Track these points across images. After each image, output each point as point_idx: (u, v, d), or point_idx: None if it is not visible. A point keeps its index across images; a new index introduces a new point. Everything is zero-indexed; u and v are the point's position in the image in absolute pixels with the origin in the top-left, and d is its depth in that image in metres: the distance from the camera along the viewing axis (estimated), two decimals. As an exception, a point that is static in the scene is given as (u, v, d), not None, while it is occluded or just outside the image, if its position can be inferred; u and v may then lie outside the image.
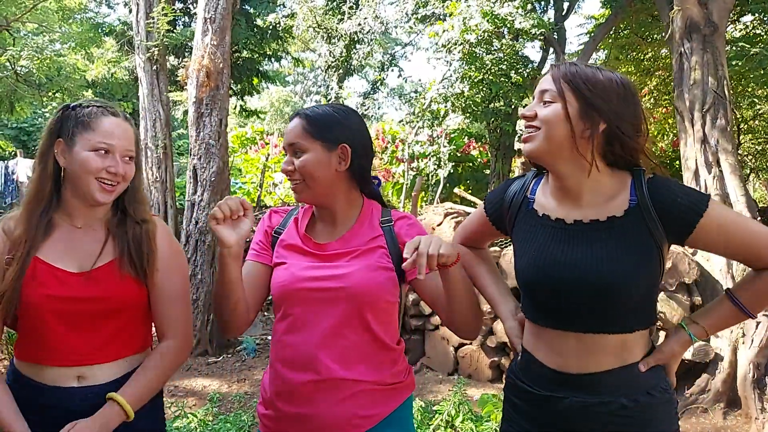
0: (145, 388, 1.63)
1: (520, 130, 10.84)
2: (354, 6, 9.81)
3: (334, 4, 10.53)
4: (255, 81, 11.23)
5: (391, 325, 1.66)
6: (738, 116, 9.58)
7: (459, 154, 11.09)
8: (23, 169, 12.44)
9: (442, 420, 3.61)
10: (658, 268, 1.46)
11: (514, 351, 1.69)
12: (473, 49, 7.66)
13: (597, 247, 1.45)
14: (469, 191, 10.04)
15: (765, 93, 10.66)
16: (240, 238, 1.51)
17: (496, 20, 7.04)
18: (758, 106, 10.21)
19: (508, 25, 7.25)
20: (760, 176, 12.59)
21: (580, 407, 1.47)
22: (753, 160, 11.46)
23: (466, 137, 11.11)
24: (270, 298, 1.72)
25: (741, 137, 10.23)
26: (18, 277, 1.53)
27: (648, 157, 1.49)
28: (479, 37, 7.28)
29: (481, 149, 11.53)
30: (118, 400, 1.57)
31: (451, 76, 7.90)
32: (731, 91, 5.07)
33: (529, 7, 7.88)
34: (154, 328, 1.75)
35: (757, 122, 11.15)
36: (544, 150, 1.47)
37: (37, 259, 1.57)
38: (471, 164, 11.60)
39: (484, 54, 7.72)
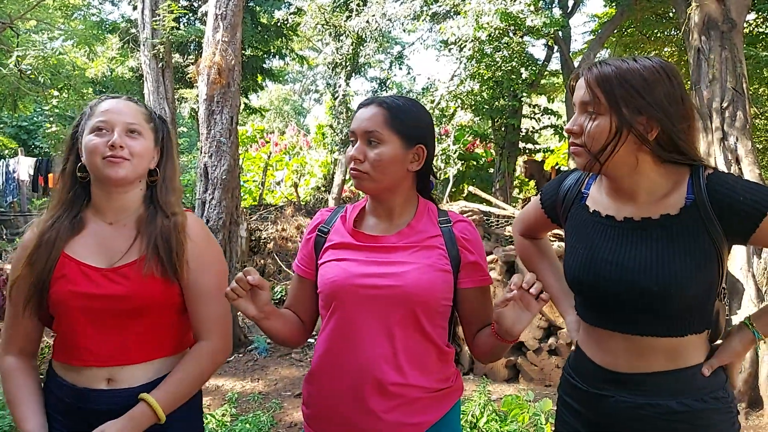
0: (177, 390, 1.56)
1: (525, 128, 10.85)
2: (361, 3, 9.75)
3: (341, 1, 10.47)
4: (259, 78, 11.18)
5: (444, 328, 1.60)
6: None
7: (463, 152, 11.06)
8: (24, 167, 12.35)
9: (466, 421, 3.57)
10: (716, 270, 1.36)
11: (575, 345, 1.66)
12: (482, 46, 7.62)
13: (646, 248, 1.38)
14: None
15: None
16: (260, 308, 1.48)
17: (508, 18, 6.99)
18: (762, 106, 10.22)
19: (520, 23, 7.21)
20: (762, 174, 12.60)
21: (627, 408, 1.42)
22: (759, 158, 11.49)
23: (470, 135, 11.09)
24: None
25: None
26: (44, 271, 1.51)
27: (695, 151, 1.39)
28: (490, 35, 7.23)
29: (486, 148, 11.51)
30: (149, 402, 1.50)
31: (460, 73, 7.86)
32: (749, 89, 5.04)
33: (538, 5, 7.85)
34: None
35: (758, 121, 11.16)
36: (594, 164, 1.40)
37: (66, 255, 1.53)
38: (475, 162, 11.58)
39: (494, 51, 7.68)
